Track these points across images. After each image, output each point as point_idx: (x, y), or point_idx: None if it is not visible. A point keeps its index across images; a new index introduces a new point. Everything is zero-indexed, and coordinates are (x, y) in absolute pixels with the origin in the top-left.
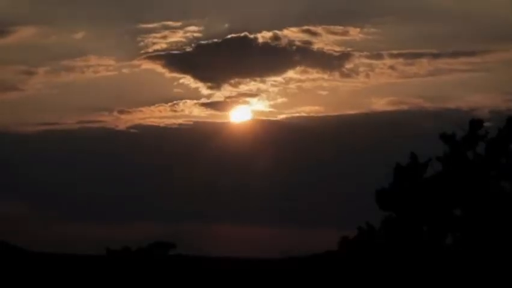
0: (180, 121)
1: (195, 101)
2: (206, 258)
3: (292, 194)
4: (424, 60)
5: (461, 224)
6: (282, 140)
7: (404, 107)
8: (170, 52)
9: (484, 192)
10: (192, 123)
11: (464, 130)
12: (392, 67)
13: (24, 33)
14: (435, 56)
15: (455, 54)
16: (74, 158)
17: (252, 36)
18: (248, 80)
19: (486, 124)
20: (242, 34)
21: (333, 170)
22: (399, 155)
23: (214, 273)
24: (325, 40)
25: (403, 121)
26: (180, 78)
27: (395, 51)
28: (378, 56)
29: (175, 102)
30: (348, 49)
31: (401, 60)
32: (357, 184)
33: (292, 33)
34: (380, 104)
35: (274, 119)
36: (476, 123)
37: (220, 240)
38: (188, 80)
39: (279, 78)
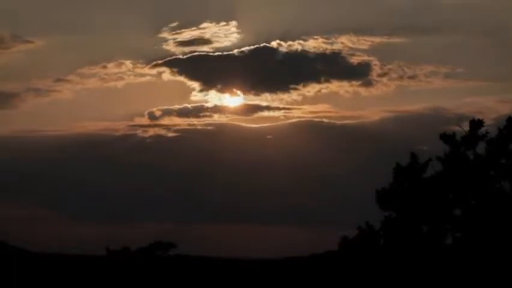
0: (201, 126)
1: (218, 107)
2: (206, 258)
3: (292, 194)
4: (440, 70)
5: (461, 224)
6: (292, 143)
7: (421, 111)
8: (196, 60)
9: (484, 192)
10: (212, 128)
11: (464, 129)
12: (411, 76)
13: (54, 41)
14: (451, 66)
15: (469, 65)
16: (86, 161)
17: (276, 45)
18: (269, 86)
19: (486, 124)
20: (266, 44)
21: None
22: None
23: (214, 273)
24: (348, 50)
25: (416, 125)
26: (204, 85)
27: (413, 62)
28: (397, 67)
29: (196, 107)
30: (370, 58)
31: (419, 70)
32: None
33: (316, 44)
34: (397, 110)
35: (285, 123)
36: (476, 123)
37: (221, 240)
38: (212, 87)
39: (300, 86)
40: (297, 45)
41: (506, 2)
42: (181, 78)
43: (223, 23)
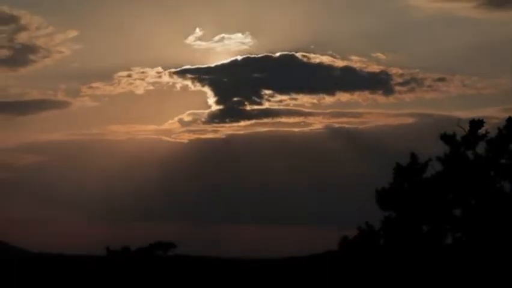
0: (225, 130)
1: (241, 113)
2: (206, 258)
3: (292, 194)
4: (457, 79)
5: (461, 224)
6: (313, 147)
7: (437, 118)
8: (221, 67)
9: (484, 192)
10: (233, 133)
11: (464, 130)
12: (429, 85)
13: (82, 49)
14: (467, 75)
15: (479, 75)
16: (104, 164)
17: (300, 56)
18: (293, 93)
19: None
20: (294, 53)
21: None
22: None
23: (214, 273)
24: (367, 63)
25: (432, 131)
26: (229, 92)
27: (431, 71)
28: (413, 78)
29: (219, 113)
30: (390, 68)
31: (436, 79)
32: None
33: (339, 54)
34: (415, 116)
35: (295, 130)
36: (476, 123)
37: (220, 240)
38: (236, 94)
39: (322, 94)
40: (321, 56)
41: None
42: (208, 85)
43: (248, 33)
